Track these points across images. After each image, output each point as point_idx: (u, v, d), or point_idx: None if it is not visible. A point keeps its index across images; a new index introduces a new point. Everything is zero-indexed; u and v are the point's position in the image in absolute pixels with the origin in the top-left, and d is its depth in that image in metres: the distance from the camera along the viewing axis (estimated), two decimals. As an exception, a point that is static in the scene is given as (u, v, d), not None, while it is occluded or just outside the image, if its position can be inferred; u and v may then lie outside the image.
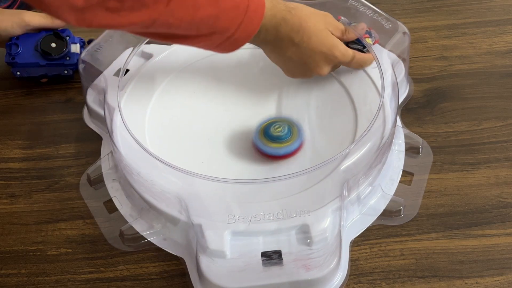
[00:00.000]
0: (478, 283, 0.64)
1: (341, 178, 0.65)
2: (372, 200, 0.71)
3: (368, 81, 0.76)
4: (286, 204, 0.63)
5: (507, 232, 0.68)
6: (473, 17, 0.94)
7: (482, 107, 0.81)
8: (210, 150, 0.71)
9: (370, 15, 0.81)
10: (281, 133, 0.68)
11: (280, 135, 0.68)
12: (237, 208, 0.63)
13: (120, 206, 0.72)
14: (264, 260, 0.61)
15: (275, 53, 0.71)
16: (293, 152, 0.68)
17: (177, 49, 0.82)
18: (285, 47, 0.69)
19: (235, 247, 0.62)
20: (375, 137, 0.69)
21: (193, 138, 0.72)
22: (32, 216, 0.72)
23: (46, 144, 0.80)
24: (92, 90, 0.79)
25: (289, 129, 0.68)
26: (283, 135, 0.68)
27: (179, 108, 0.76)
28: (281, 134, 0.68)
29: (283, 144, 0.68)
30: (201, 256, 0.62)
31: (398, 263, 0.66)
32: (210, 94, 0.77)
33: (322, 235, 0.62)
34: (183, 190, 0.64)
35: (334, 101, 0.75)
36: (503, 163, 0.74)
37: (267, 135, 0.68)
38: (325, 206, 0.63)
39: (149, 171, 0.66)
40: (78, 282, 0.66)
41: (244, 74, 0.80)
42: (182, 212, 0.65)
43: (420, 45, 0.90)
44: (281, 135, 0.68)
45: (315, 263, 0.61)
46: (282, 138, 0.68)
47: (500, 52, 0.88)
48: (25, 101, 0.85)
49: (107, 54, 0.80)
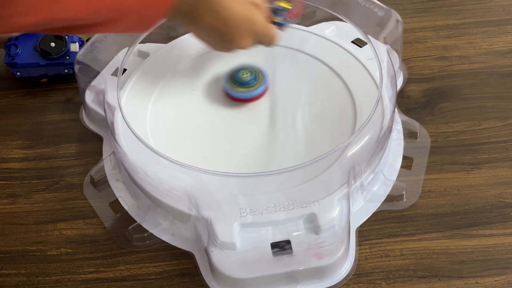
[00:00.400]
0: (478, 283, 0.64)
1: (348, 165, 0.66)
2: (375, 187, 0.72)
3: (365, 71, 0.77)
4: (294, 194, 0.65)
5: (507, 232, 0.68)
6: (473, 17, 0.94)
7: (482, 107, 0.81)
8: (211, 144, 0.72)
9: (363, 4, 0.81)
10: (247, 79, 0.75)
11: (247, 80, 0.75)
12: (248, 201, 0.64)
13: (126, 206, 0.72)
14: (276, 250, 0.62)
15: (195, 25, 0.68)
16: (258, 96, 0.75)
17: (173, 47, 0.83)
18: (204, 16, 0.66)
19: (245, 239, 0.63)
20: (376, 125, 0.70)
21: (194, 134, 0.73)
22: (32, 216, 0.72)
23: (46, 144, 0.80)
24: (90, 91, 0.79)
25: (255, 75, 0.75)
26: (250, 80, 0.75)
27: (179, 106, 0.76)
28: (248, 79, 0.75)
29: (250, 88, 0.75)
30: (212, 249, 0.63)
31: (398, 263, 0.66)
32: (209, 91, 0.78)
33: (330, 222, 0.63)
34: (192, 186, 0.65)
35: (332, 92, 0.76)
36: (503, 163, 0.75)
37: (235, 80, 0.75)
38: (333, 194, 0.65)
39: (155, 169, 0.66)
40: (78, 282, 0.66)
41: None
42: (191, 207, 0.65)
43: (420, 45, 0.90)
44: (248, 80, 0.75)
45: (326, 251, 0.62)
46: (249, 83, 0.75)
47: (500, 52, 0.88)
48: (25, 101, 0.85)
49: (102, 54, 0.80)
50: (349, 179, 0.66)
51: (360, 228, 0.69)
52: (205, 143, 0.72)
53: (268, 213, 0.63)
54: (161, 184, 0.66)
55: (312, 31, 0.84)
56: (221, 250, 0.62)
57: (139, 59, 0.81)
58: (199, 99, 0.77)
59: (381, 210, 0.70)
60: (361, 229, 0.69)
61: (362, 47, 0.80)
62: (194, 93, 0.78)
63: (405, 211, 0.70)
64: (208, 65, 0.81)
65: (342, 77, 0.77)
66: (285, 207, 0.63)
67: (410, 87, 0.84)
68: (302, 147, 0.70)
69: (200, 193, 0.64)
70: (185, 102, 0.77)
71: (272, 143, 0.71)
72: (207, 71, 0.80)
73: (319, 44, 0.82)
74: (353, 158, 0.67)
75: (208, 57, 0.81)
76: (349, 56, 0.80)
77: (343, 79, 0.77)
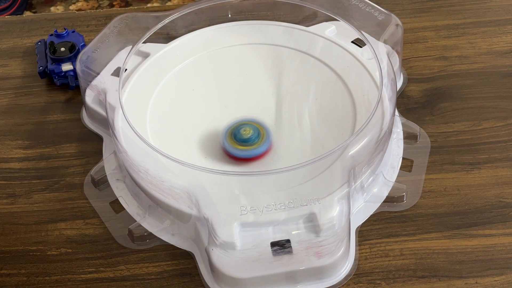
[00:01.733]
0: (478, 283, 0.64)
1: (348, 165, 0.67)
2: (375, 188, 0.72)
3: (365, 72, 0.77)
4: (295, 193, 0.65)
5: (507, 232, 0.68)
6: (473, 17, 0.94)
7: (482, 107, 0.81)
8: (211, 144, 0.72)
9: (363, 8, 0.81)
10: (249, 136, 0.68)
11: (249, 138, 0.68)
12: (248, 200, 0.64)
13: (127, 205, 0.72)
14: (275, 248, 0.62)
15: None
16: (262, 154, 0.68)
17: (173, 47, 0.83)
18: None
19: (245, 238, 0.63)
20: (376, 125, 0.70)
21: (194, 134, 0.73)
22: (32, 216, 0.72)
23: (46, 144, 0.80)
24: (91, 90, 0.79)
25: (258, 131, 0.69)
26: (252, 138, 0.68)
27: (179, 106, 0.76)
28: (250, 136, 0.68)
29: (252, 146, 0.68)
30: (212, 248, 0.63)
31: (398, 263, 0.66)
32: (209, 90, 0.78)
33: (330, 222, 0.63)
34: (193, 185, 0.65)
35: (332, 92, 0.76)
36: (503, 163, 0.75)
37: (235, 138, 0.68)
38: (334, 193, 0.65)
39: (156, 168, 0.66)
40: (78, 282, 0.66)
41: (242, 69, 0.80)
42: (192, 206, 0.65)
43: (420, 45, 0.90)
44: (250, 138, 0.68)
45: (326, 250, 0.62)
46: (250, 140, 0.68)
47: (500, 52, 0.88)
48: (25, 101, 0.85)
49: (104, 54, 0.80)
50: (350, 179, 0.66)
51: (360, 228, 0.69)
52: (205, 143, 0.72)
53: (269, 211, 0.63)
54: (162, 183, 0.66)
55: (311, 31, 0.84)
56: (221, 250, 0.62)
57: (139, 59, 0.81)
58: (199, 99, 0.77)
59: (381, 211, 0.71)
60: (361, 229, 0.69)
61: (362, 47, 0.80)
62: (194, 93, 0.78)
63: (405, 211, 0.70)
64: (208, 65, 0.81)
65: (342, 77, 0.77)
66: (286, 205, 0.63)
67: (410, 87, 0.84)
68: (302, 147, 0.71)
69: (200, 192, 0.64)
70: (185, 102, 0.77)
71: (272, 143, 0.71)
72: (207, 71, 0.80)
73: (319, 44, 0.82)
74: (354, 158, 0.67)
75: (208, 57, 0.81)
76: (349, 56, 0.80)
77: (343, 79, 0.77)
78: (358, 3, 0.82)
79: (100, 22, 0.95)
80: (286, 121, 0.73)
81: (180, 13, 0.82)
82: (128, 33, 0.81)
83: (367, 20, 0.78)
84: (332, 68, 0.78)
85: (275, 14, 0.90)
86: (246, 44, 0.81)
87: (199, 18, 0.85)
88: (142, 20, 0.82)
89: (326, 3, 0.78)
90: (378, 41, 0.78)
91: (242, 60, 0.81)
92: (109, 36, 0.81)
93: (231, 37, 0.84)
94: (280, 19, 0.88)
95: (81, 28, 0.95)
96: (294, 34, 0.84)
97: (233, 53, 0.82)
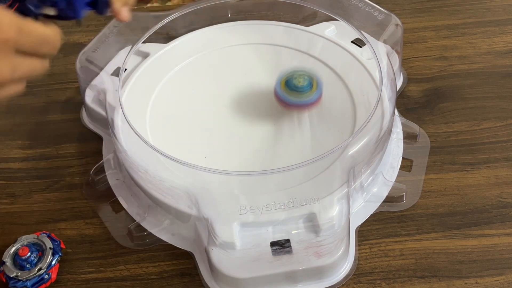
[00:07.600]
0: (478, 283, 0.64)
1: (348, 165, 0.67)
2: (374, 188, 0.72)
3: (365, 71, 0.77)
4: (295, 193, 0.65)
5: (507, 232, 0.68)
6: (473, 17, 0.94)
7: (482, 107, 0.81)
8: (211, 144, 0.72)
9: (363, 8, 0.81)
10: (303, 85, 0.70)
11: (302, 86, 0.70)
12: (248, 199, 0.64)
13: (126, 205, 0.72)
14: (276, 248, 0.62)
15: None
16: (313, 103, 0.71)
17: (173, 47, 0.83)
18: None
19: (245, 238, 0.63)
20: (376, 125, 0.70)
21: (194, 134, 0.73)
22: (32, 216, 0.72)
23: (46, 144, 0.80)
24: (91, 90, 0.79)
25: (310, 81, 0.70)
26: (305, 86, 0.70)
27: (179, 105, 0.76)
28: (303, 85, 0.70)
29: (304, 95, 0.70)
30: (212, 248, 0.63)
31: (398, 263, 0.66)
32: (209, 90, 0.78)
33: (330, 222, 0.63)
34: (192, 185, 0.65)
35: (332, 92, 0.76)
36: (503, 163, 0.75)
37: (289, 86, 0.70)
38: (333, 193, 0.65)
39: (156, 168, 0.66)
40: (78, 282, 0.66)
41: (242, 69, 0.80)
42: (191, 206, 0.65)
43: (420, 45, 0.90)
44: (303, 86, 0.70)
45: (326, 249, 0.62)
46: (303, 88, 0.70)
47: (500, 52, 0.88)
48: (25, 101, 0.85)
49: (103, 54, 0.80)
50: (349, 179, 0.66)
51: (360, 228, 0.69)
52: (205, 143, 0.72)
53: (268, 211, 0.63)
54: (161, 183, 0.66)
55: (311, 31, 0.84)
56: (221, 250, 0.62)
57: (139, 59, 0.81)
58: (199, 99, 0.77)
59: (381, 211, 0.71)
60: (361, 229, 0.69)
61: (362, 47, 0.80)
62: (194, 93, 0.78)
63: (405, 211, 0.70)
64: (208, 65, 0.81)
65: (342, 77, 0.77)
66: (285, 205, 0.63)
67: (410, 87, 0.84)
68: (302, 147, 0.71)
69: (200, 191, 0.64)
70: (185, 101, 0.77)
71: (272, 143, 0.71)
72: (207, 71, 0.80)
73: (319, 44, 0.82)
74: (353, 157, 0.67)
75: (208, 57, 0.81)
76: (349, 56, 0.80)
77: (343, 79, 0.77)
78: (358, 3, 0.82)
79: (100, 22, 0.95)
80: (286, 121, 0.73)
81: (180, 13, 0.82)
82: (128, 33, 0.81)
83: (367, 20, 0.78)
84: (332, 68, 0.79)
85: (275, 14, 0.90)
86: (246, 44, 0.82)
87: (199, 18, 0.85)
88: (142, 20, 0.82)
89: (326, 3, 0.79)
90: (378, 41, 0.78)
91: (242, 60, 0.81)
92: (109, 36, 0.81)
93: (231, 37, 0.84)
94: (280, 19, 0.88)
95: (81, 28, 0.95)
96: (294, 34, 0.84)
97: (233, 53, 0.82)
